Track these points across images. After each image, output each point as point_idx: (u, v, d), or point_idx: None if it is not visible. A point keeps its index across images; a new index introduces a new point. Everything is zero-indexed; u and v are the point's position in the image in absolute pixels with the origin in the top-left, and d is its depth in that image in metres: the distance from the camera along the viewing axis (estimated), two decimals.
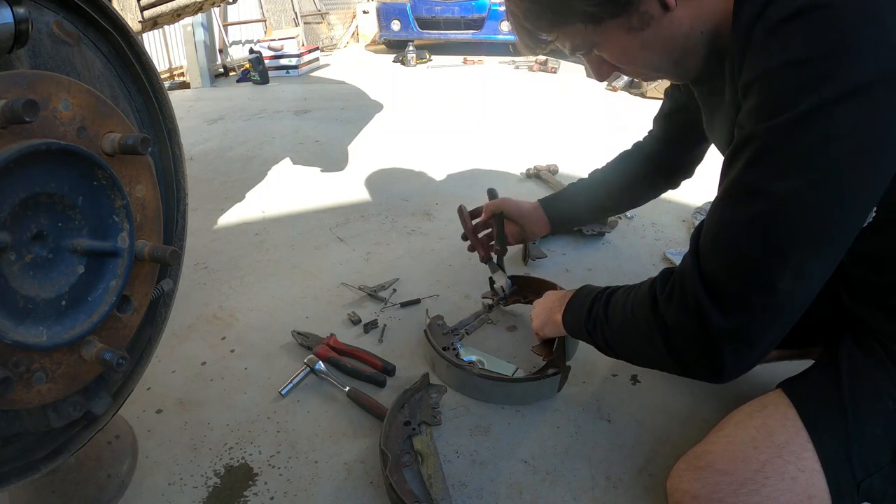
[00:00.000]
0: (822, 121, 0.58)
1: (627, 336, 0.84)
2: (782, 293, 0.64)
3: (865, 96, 0.56)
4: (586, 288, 1.02)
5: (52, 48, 0.71)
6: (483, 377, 1.18)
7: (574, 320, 0.98)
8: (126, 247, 0.74)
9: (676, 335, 0.72)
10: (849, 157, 0.58)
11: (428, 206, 2.19)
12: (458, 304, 1.55)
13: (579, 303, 0.98)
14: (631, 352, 0.85)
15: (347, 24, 7.95)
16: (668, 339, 0.74)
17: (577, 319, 0.97)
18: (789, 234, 0.61)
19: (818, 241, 0.62)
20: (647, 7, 0.71)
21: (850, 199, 0.61)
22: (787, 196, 0.60)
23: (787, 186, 0.60)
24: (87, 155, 0.67)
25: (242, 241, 1.92)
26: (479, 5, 5.93)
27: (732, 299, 0.66)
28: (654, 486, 1.00)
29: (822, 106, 0.57)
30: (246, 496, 0.99)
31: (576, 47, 0.79)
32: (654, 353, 0.78)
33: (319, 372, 1.25)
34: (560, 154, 2.76)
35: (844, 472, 0.75)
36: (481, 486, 1.00)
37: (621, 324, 0.84)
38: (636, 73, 0.83)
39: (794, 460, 0.76)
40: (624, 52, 0.78)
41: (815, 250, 0.62)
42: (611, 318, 0.87)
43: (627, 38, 0.75)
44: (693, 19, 0.73)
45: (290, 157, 2.80)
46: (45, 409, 0.74)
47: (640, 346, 0.82)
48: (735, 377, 0.72)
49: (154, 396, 1.22)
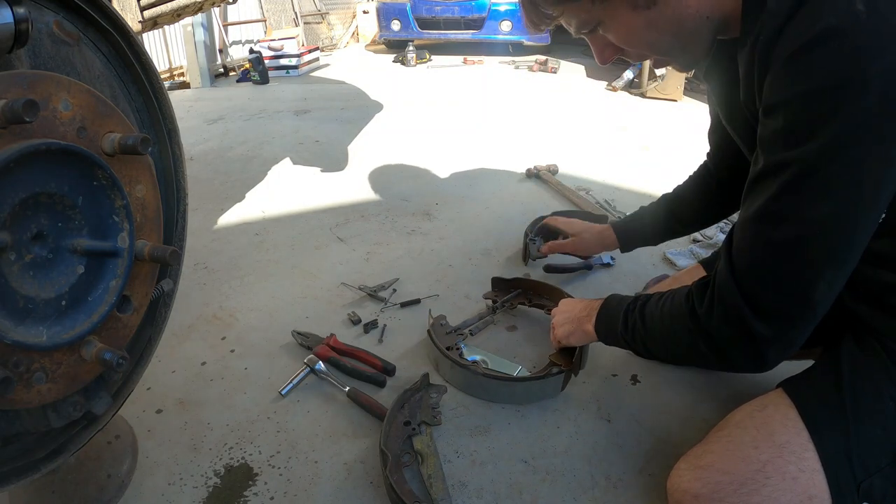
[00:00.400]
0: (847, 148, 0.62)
1: (669, 344, 0.87)
2: (816, 302, 0.70)
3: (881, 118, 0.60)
4: (614, 298, 1.02)
5: (52, 48, 0.71)
6: (487, 376, 1.18)
7: (608, 330, 1.00)
8: (126, 247, 0.74)
9: (722, 343, 0.76)
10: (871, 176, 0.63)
11: (428, 206, 2.19)
12: (458, 304, 1.55)
13: (611, 313, 0.99)
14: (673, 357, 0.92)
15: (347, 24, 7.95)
16: (713, 346, 0.77)
17: (611, 329, 0.99)
18: (823, 253, 0.67)
19: (845, 254, 0.68)
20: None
21: (873, 213, 0.66)
22: (820, 220, 0.66)
23: (820, 212, 0.65)
24: (87, 155, 0.67)
25: (242, 241, 1.92)
26: (479, 5, 5.93)
27: (773, 311, 0.71)
28: (654, 485, 1.00)
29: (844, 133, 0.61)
30: (246, 496, 0.99)
31: (581, 24, 0.79)
32: (698, 357, 0.82)
33: (319, 372, 1.25)
34: (560, 154, 2.76)
35: (845, 472, 0.75)
36: (481, 486, 1.00)
37: (662, 333, 0.87)
38: (640, 55, 0.82)
39: (794, 460, 0.76)
40: (629, 31, 0.77)
41: (842, 262, 0.68)
42: (649, 327, 0.89)
43: (633, 16, 0.75)
44: (699, 3, 0.73)
45: (290, 157, 2.80)
46: (45, 409, 0.74)
47: (684, 352, 0.86)
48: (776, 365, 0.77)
49: (154, 396, 1.22)
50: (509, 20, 5.91)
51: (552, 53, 6.02)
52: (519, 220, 1.98)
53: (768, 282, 0.70)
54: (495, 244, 1.88)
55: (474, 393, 1.20)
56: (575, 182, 2.40)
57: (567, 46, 6.79)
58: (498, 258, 1.79)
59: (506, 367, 1.24)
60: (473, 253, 1.82)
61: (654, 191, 2.35)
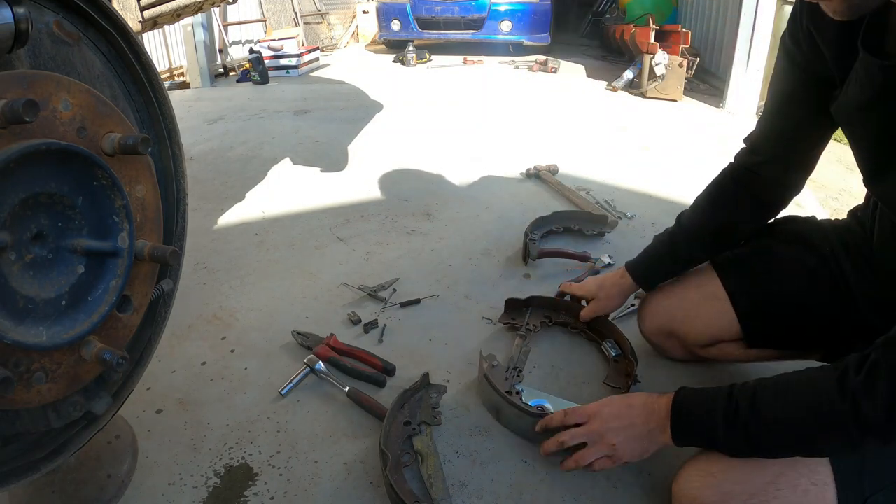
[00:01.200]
0: None
1: (805, 435, 0.74)
2: None
3: None
4: (685, 398, 0.85)
5: (52, 48, 0.71)
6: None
7: (700, 438, 0.84)
8: (126, 247, 0.74)
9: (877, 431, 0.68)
10: None
11: (428, 206, 2.19)
12: (458, 304, 1.55)
13: (695, 419, 0.83)
14: (809, 449, 0.76)
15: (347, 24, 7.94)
16: (869, 426, 0.68)
17: (705, 436, 0.82)
18: None
19: None
20: None
21: None
22: None
23: None
24: (87, 155, 0.67)
25: (242, 241, 1.92)
26: (479, 5, 5.93)
27: None
28: (654, 485, 1.00)
29: None
30: (246, 496, 0.99)
31: None
32: (846, 441, 0.71)
33: (319, 372, 1.25)
34: (560, 154, 2.76)
35: (855, 488, 0.74)
36: (481, 486, 1.00)
37: (794, 424, 0.74)
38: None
39: (807, 473, 0.75)
40: None
41: None
42: (770, 423, 0.75)
43: None
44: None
45: (289, 157, 2.80)
46: (45, 409, 0.74)
47: (828, 441, 0.73)
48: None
49: (154, 396, 1.22)
50: (509, 20, 5.91)
51: (552, 53, 6.02)
52: (519, 220, 1.98)
53: None
54: (495, 244, 1.88)
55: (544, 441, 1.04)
56: (575, 182, 2.40)
57: (567, 46, 6.80)
58: (498, 258, 1.79)
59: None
60: (473, 253, 1.82)
61: (653, 191, 2.36)
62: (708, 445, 0.83)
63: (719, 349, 1.20)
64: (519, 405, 1.09)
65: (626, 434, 0.89)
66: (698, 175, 2.54)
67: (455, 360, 1.33)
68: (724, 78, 3.98)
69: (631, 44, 4.80)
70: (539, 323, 1.40)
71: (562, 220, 1.93)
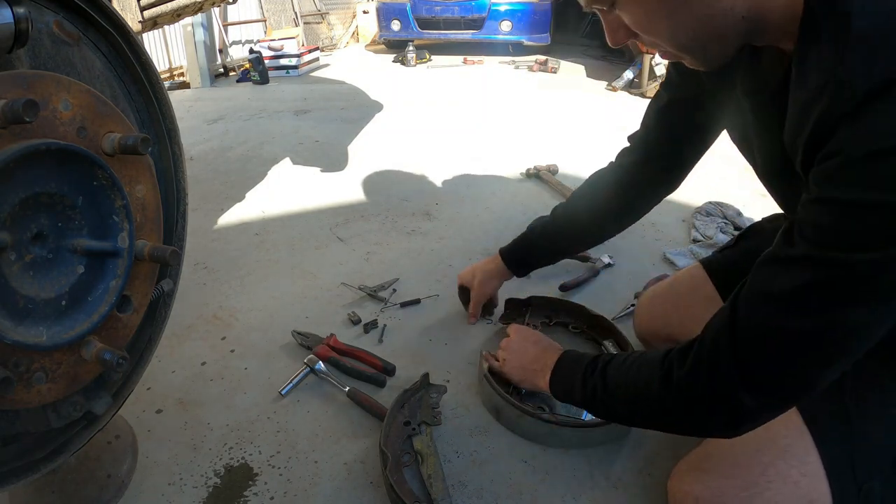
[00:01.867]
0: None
1: (636, 408, 0.81)
2: (819, 386, 0.66)
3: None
4: (569, 357, 0.98)
5: (52, 48, 0.71)
6: (564, 425, 1.07)
7: (565, 392, 0.95)
8: (126, 247, 0.74)
9: (698, 406, 0.72)
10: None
11: (428, 206, 2.19)
12: (458, 304, 1.55)
13: (566, 375, 0.95)
14: (638, 420, 0.84)
15: (347, 24, 7.94)
16: (688, 409, 0.73)
17: (568, 392, 0.94)
18: (840, 349, 0.62)
19: (863, 347, 0.63)
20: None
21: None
22: (849, 324, 0.61)
23: (851, 317, 0.61)
24: (87, 155, 0.67)
25: (242, 241, 1.92)
26: (479, 5, 5.93)
27: (768, 388, 0.66)
28: (654, 485, 1.00)
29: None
30: (246, 496, 0.99)
31: (594, 0, 0.70)
32: (666, 422, 0.78)
33: (319, 372, 1.25)
34: (560, 154, 2.76)
35: (847, 477, 0.74)
36: (481, 486, 1.00)
37: (627, 397, 0.82)
38: (654, 44, 0.74)
39: (797, 464, 0.76)
40: (647, 16, 0.68)
41: (857, 353, 0.63)
42: (612, 391, 0.84)
43: (655, 0, 0.66)
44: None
45: (289, 157, 2.80)
46: (45, 409, 0.74)
47: (650, 417, 0.80)
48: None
49: (154, 396, 1.22)
50: (509, 20, 5.91)
51: (552, 53, 6.02)
52: (519, 220, 1.98)
53: (772, 362, 0.65)
54: (495, 244, 1.86)
55: (545, 441, 1.09)
56: (575, 182, 2.40)
57: (567, 46, 6.80)
58: None
59: (569, 409, 1.13)
60: (473, 253, 1.82)
61: None
62: (572, 402, 0.94)
63: None
64: (519, 405, 1.09)
65: (515, 360, 1.11)
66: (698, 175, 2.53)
67: (455, 360, 1.33)
68: None
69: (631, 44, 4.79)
70: (539, 323, 1.39)
71: None
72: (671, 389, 0.73)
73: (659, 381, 0.75)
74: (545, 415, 1.08)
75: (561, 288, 1.62)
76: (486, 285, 1.41)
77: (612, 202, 1.22)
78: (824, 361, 0.63)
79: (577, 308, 1.39)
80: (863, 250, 0.57)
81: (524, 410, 1.09)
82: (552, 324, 1.40)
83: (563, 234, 1.28)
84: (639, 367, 0.80)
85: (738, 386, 0.66)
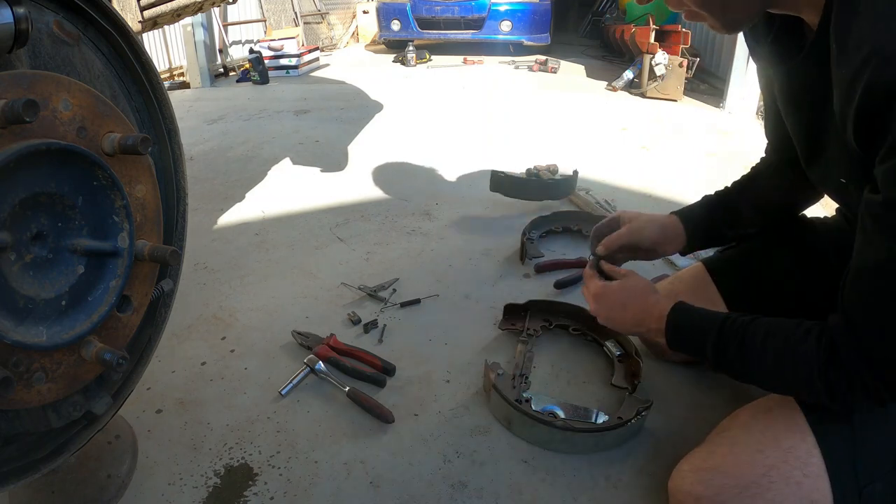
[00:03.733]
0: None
1: (779, 383, 0.81)
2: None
3: None
4: (685, 311, 0.90)
5: (52, 48, 0.71)
6: (575, 430, 1.06)
7: (690, 346, 0.90)
8: (126, 247, 0.74)
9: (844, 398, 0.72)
10: None
11: (428, 206, 2.19)
12: (458, 304, 1.55)
13: (691, 332, 0.89)
14: (775, 388, 0.84)
15: (347, 24, 7.94)
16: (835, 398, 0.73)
17: (694, 347, 0.88)
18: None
19: None
20: None
21: None
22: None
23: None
24: (87, 155, 0.67)
25: (242, 241, 1.92)
26: (479, 5, 5.93)
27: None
28: (654, 485, 1.00)
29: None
30: (246, 496, 0.99)
31: None
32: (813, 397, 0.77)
33: (319, 372, 1.25)
34: (560, 154, 2.76)
35: (849, 478, 0.74)
36: (481, 486, 1.00)
37: (771, 372, 0.79)
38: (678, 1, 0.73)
39: (799, 465, 0.76)
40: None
41: None
42: (751, 361, 0.81)
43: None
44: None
45: (289, 157, 2.80)
46: (45, 409, 0.74)
47: (796, 393, 0.81)
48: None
49: (154, 396, 1.22)
50: (509, 20, 5.91)
51: (552, 53, 6.02)
52: (519, 220, 1.98)
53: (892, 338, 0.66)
54: (495, 244, 1.88)
55: (558, 448, 1.07)
56: None
57: (567, 46, 6.80)
58: (498, 258, 1.79)
59: (581, 414, 1.12)
60: (473, 253, 1.82)
61: (654, 191, 2.36)
62: (695, 355, 0.91)
63: None
64: (531, 413, 1.08)
65: (612, 315, 1.01)
66: (698, 175, 2.54)
67: (455, 360, 1.33)
68: (724, 78, 3.98)
69: (631, 44, 4.80)
70: (539, 327, 1.39)
71: (561, 220, 1.93)
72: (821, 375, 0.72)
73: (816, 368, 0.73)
74: (559, 422, 1.07)
75: (556, 285, 1.62)
76: (644, 231, 1.13)
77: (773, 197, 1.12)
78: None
79: (576, 310, 1.39)
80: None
81: (536, 419, 1.07)
82: (552, 327, 1.40)
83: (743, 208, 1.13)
84: (787, 344, 0.77)
85: (869, 380, 0.67)
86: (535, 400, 1.13)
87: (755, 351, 0.79)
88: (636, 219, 1.15)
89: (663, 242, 1.14)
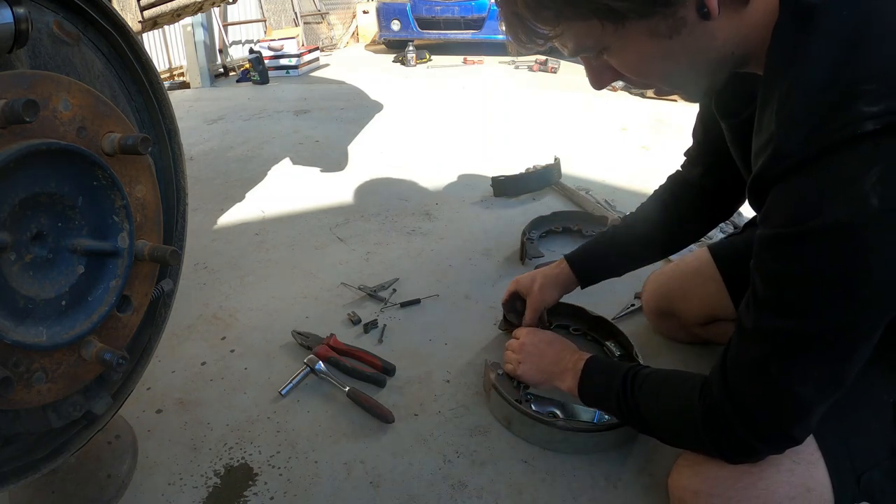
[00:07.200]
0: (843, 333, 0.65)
1: (667, 430, 0.89)
2: (811, 421, 0.71)
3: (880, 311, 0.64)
4: (597, 364, 1.01)
5: (52, 48, 0.71)
6: (575, 430, 1.07)
7: (597, 402, 1.00)
8: (126, 247, 0.74)
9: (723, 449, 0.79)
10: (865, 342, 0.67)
11: (428, 206, 2.19)
12: (457, 304, 1.55)
13: (598, 386, 0.98)
14: (669, 440, 0.91)
15: (347, 24, 7.94)
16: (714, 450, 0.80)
17: (600, 403, 1.00)
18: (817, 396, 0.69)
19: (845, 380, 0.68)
20: (685, 12, 0.61)
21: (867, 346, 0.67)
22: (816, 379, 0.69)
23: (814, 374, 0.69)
24: (87, 155, 0.67)
25: (242, 241, 1.92)
26: (479, 5, 5.92)
27: (769, 433, 0.73)
28: (654, 485, 1.00)
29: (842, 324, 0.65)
30: (246, 496, 0.99)
31: (581, 48, 0.68)
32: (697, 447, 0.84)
33: (319, 372, 1.25)
34: (560, 154, 2.76)
35: (845, 464, 0.75)
36: (481, 486, 1.01)
37: (663, 425, 0.88)
38: (645, 84, 0.74)
39: (789, 452, 0.76)
40: (641, 59, 0.67)
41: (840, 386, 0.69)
42: (645, 416, 0.89)
43: (649, 44, 0.64)
44: (730, 35, 0.64)
45: (289, 157, 2.80)
46: (45, 409, 0.74)
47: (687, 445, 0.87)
48: None
49: (154, 396, 1.22)
50: None
51: (552, 53, 6.01)
52: (519, 220, 1.98)
53: (764, 409, 0.72)
54: (495, 244, 1.88)
55: (559, 448, 1.08)
56: (575, 182, 2.40)
57: None
58: (498, 258, 1.79)
59: (579, 414, 1.12)
60: (473, 253, 1.82)
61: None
62: (604, 410, 1.03)
63: (717, 327, 1.25)
64: (531, 413, 1.08)
65: (532, 363, 1.12)
66: None
67: (455, 360, 1.33)
68: None
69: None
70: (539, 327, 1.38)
71: (561, 220, 1.93)
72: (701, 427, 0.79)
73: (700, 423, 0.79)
74: (560, 422, 1.07)
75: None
76: (546, 292, 1.25)
77: (682, 211, 1.17)
78: (802, 407, 0.69)
79: (576, 310, 1.38)
80: (805, 316, 0.65)
81: (536, 419, 1.07)
82: (553, 327, 1.40)
83: (638, 240, 1.21)
84: (674, 398, 0.85)
85: (743, 434, 0.73)
86: (535, 400, 1.14)
87: (650, 408, 0.88)
88: (534, 282, 1.27)
89: (564, 292, 1.29)
